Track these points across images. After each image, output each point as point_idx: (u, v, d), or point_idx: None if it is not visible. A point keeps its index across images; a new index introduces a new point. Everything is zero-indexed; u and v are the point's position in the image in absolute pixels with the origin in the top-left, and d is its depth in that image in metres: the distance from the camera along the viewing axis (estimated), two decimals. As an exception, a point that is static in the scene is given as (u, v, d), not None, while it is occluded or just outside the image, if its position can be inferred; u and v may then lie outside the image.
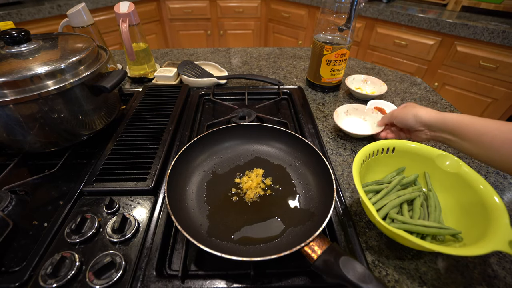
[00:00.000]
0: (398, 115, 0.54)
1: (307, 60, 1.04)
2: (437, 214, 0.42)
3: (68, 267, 0.35)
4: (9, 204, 0.45)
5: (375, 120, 0.65)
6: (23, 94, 0.43)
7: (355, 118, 0.69)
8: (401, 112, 0.53)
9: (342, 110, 0.67)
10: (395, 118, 0.55)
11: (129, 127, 0.61)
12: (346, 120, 0.68)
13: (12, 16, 1.41)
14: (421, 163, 0.48)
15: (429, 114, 0.48)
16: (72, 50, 0.51)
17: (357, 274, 0.30)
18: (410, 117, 0.51)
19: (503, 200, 0.47)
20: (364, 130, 0.65)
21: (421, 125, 0.50)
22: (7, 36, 0.47)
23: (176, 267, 0.39)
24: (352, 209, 0.48)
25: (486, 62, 1.35)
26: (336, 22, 0.72)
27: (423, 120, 0.49)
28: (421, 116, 0.49)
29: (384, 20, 1.62)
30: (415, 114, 0.50)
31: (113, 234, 0.40)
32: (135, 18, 0.76)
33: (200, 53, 1.08)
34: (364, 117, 0.68)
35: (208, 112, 0.74)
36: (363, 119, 0.68)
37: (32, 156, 0.56)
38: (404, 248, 0.42)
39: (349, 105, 0.69)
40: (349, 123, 0.68)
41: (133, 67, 0.84)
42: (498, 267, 0.40)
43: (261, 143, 0.56)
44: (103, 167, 0.51)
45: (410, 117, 0.51)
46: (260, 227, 0.42)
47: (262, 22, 2.31)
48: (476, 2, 1.50)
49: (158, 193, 0.48)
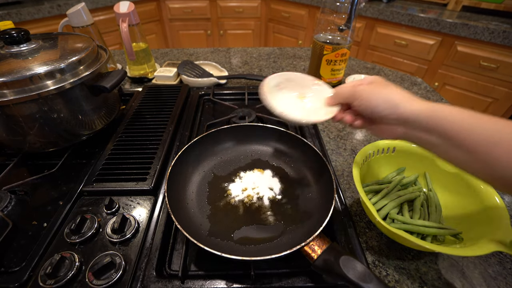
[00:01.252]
0: (361, 95, 0.36)
1: (307, 60, 1.04)
2: (438, 214, 0.42)
3: (67, 267, 0.35)
4: (9, 204, 0.45)
5: (319, 96, 0.44)
6: (22, 94, 0.43)
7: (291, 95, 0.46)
8: (367, 92, 0.35)
9: (273, 83, 0.45)
10: (356, 98, 0.36)
11: (129, 127, 0.61)
12: (280, 97, 0.45)
13: (11, 16, 1.41)
14: (421, 163, 0.48)
15: (410, 102, 0.32)
16: (72, 50, 0.51)
17: (357, 273, 0.30)
18: (381, 101, 0.34)
19: (503, 200, 0.47)
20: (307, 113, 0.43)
21: (397, 118, 0.33)
22: (6, 36, 0.47)
23: (176, 267, 0.39)
24: (352, 209, 0.48)
25: (487, 62, 1.35)
26: (336, 22, 0.72)
27: (401, 111, 0.33)
28: (398, 102, 0.33)
29: (384, 20, 1.62)
30: (389, 99, 0.33)
31: (113, 234, 0.40)
32: (135, 18, 0.76)
33: (200, 53, 1.08)
34: (302, 92, 0.46)
35: (208, 112, 0.74)
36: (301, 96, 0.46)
37: (32, 156, 0.56)
38: (405, 248, 0.42)
39: (282, 74, 0.46)
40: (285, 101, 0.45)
41: (133, 67, 0.84)
42: (498, 267, 0.40)
43: (261, 144, 0.56)
44: (103, 167, 0.51)
45: (381, 101, 0.34)
46: (260, 227, 0.42)
47: (262, 22, 2.30)
48: (477, 2, 1.50)
49: (158, 193, 0.48)
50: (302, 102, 0.45)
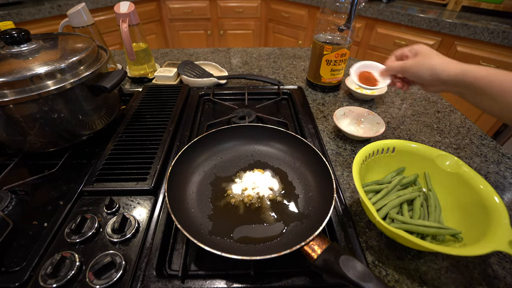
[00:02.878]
0: (411, 68, 0.46)
1: (307, 60, 1.04)
2: (437, 214, 0.42)
3: (68, 267, 0.35)
4: (9, 204, 0.45)
5: (371, 121, 0.65)
6: (23, 94, 0.43)
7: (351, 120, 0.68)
8: (415, 65, 0.46)
9: (340, 113, 0.67)
10: (407, 71, 0.48)
11: (129, 127, 0.61)
12: (344, 122, 0.67)
13: (12, 16, 1.42)
14: (421, 163, 0.48)
15: (448, 69, 0.42)
16: (72, 50, 0.51)
17: (357, 272, 0.30)
18: (425, 71, 0.44)
19: (503, 200, 0.47)
20: (362, 132, 0.66)
21: (438, 81, 0.44)
22: (7, 36, 0.47)
23: (176, 267, 0.39)
24: (352, 209, 0.48)
25: (486, 62, 1.35)
26: (336, 22, 0.72)
27: (441, 77, 0.43)
28: (439, 71, 0.43)
29: (384, 20, 1.62)
30: (432, 68, 0.43)
31: (113, 234, 0.40)
32: (135, 18, 0.76)
33: (200, 53, 1.08)
34: (360, 119, 0.67)
35: (208, 112, 0.74)
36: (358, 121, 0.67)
37: (32, 156, 0.56)
38: (404, 248, 0.42)
39: (345, 108, 0.67)
40: (347, 124, 0.67)
41: (133, 67, 0.84)
42: (498, 267, 0.40)
43: (261, 144, 0.56)
44: (103, 167, 0.51)
45: (426, 71, 0.44)
46: (260, 227, 0.42)
47: (262, 22, 2.31)
48: (476, 2, 1.50)
49: (158, 193, 0.48)
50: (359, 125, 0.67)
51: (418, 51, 0.46)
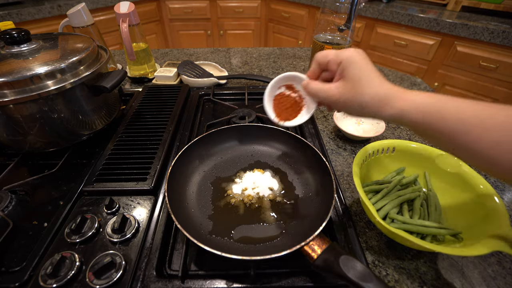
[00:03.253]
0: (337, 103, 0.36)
1: (307, 60, 1.04)
2: (437, 214, 0.42)
3: (68, 267, 0.35)
4: (9, 204, 0.45)
5: (371, 121, 0.66)
6: (23, 94, 0.43)
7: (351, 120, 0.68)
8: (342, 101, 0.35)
9: (340, 113, 0.67)
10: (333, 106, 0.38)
11: (129, 127, 0.61)
12: (344, 122, 0.67)
13: (12, 16, 1.41)
14: (421, 163, 0.48)
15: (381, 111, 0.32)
16: (72, 50, 0.51)
17: (357, 272, 0.30)
18: (356, 108, 0.34)
19: (503, 200, 0.47)
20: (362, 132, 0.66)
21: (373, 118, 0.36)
22: (7, 36, 0.47)
23: (176, 267, 0.39)
24: (352, 209, 0.48)
25: (486, 62, 1.35)
26: (336, 22, 0.72)
27: (375, 117, 0.34)
28: (372, 113, 0.34)
29: (384, 20, 1.62)
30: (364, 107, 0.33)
31: (113, 234, 0.40)
32: (135, 18, 0.76)
33: (200, 53, 1.08)
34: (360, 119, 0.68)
35: (208, 112, 0.74)
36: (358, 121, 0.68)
37: (32, 156, 0.56)
38: (404, 248, 0.42)
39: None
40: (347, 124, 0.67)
41: (133, 67, 0.84)
42: (498, 267, 0.40)
43: (261, 144, 0.56)
44: (103, 167, 0.51)
45: (357, 108, 0.34)
46: (260, 227, 0.42)
47: (262, 22, 2.31)
48: (476, 2, 1.50)
49: (158, 193, 0.48)
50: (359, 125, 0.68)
51: (345, 70, 0.34)
